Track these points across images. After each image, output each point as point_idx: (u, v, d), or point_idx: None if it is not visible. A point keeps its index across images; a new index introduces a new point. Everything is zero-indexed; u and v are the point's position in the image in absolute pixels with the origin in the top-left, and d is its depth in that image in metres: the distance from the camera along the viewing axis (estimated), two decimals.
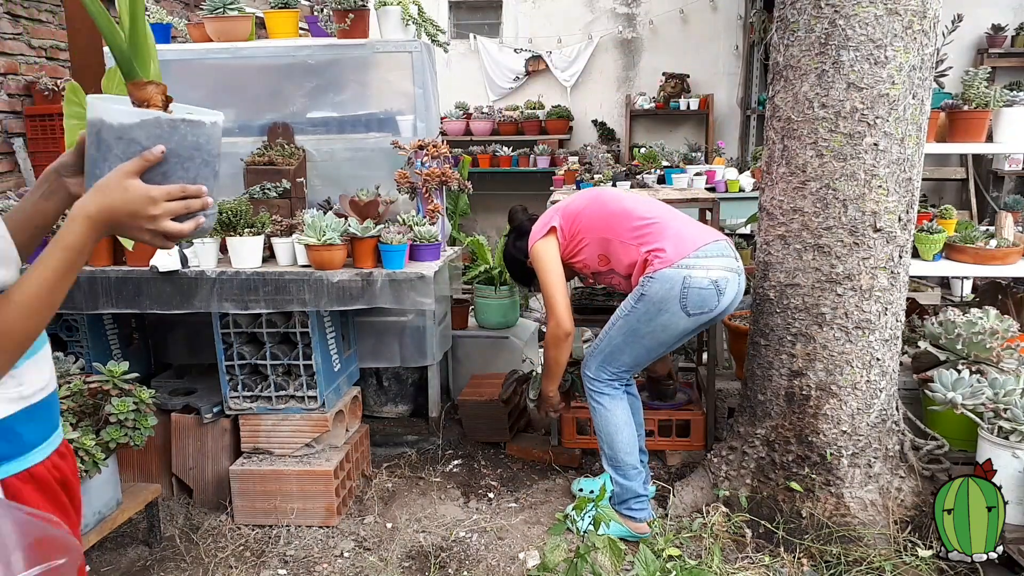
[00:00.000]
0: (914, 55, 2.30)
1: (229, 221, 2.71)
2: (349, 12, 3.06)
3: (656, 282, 2.40)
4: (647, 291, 2.43)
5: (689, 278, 2.38)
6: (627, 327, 2.50)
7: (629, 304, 2.49)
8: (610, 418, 2.59)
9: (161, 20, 3.32)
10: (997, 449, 2.34)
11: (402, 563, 2.52)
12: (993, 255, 2.93)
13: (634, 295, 2.48)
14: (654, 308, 2.43)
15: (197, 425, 2.82)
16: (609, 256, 2.57)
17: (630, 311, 2.48)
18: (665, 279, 2.39)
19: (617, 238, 2.53)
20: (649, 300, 2.43)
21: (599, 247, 2.58)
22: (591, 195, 2.71)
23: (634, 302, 2.47)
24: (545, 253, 2.59)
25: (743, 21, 6.64)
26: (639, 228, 2.52)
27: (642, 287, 2.44)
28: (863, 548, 2.36)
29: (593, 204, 2.64)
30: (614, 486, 2.60)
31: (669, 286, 2.39)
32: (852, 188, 2.36)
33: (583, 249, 2.60)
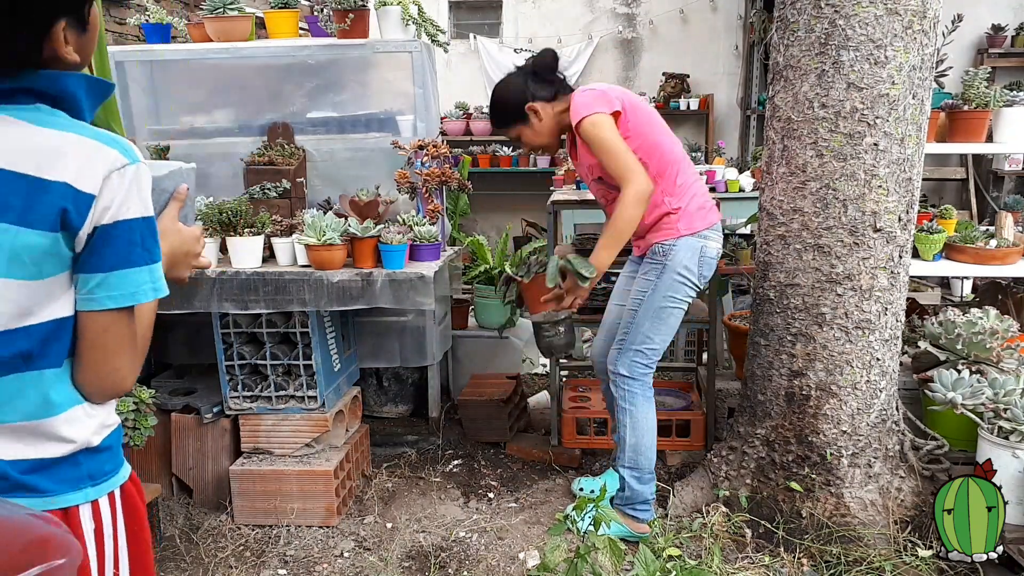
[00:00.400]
0: (914, 55, 2.30)
1: (229, 221, 2.71)
2: (349, 12, 3.06)
3: (679, 251, 2.37)
4: (671, 261, 2.38)
5: (705, 248, 2.40)
6: (654, 305, 2.42)
7: (651, 281, 2.42)
8: (641, 420, 2.52)
9: (161, 20, 3.32)
10: (997, 449, 2.34)
11: (402, 563, 2.52)
12: (993, 255, 2.93)
13: (655, 269, 2.41)
14: (679, 279, 2.39)
15: (197, 425, 2.81)
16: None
17: (655, 288, 2.41)
18: (688, 248, 2.38)
19: (654, 165, 2.36)
20: (672, 270, 2.38)
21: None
22: (643, 101, 2.50)
23: (657, 276, 2.40)
24: (612, 128, 2.31)
25: (743, 21, 6.64)
26: (675, 170, 2.40)
27: (665, 257, 2.39)
28: (863, 548, 2.36)
29: (649, 112, 2.45)
30: (625, 488, 2.56)
31: (691, 255, 2.38)
32: (852, 188, 2.36)
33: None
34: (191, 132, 3.44)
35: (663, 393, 3.47)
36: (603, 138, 2.30)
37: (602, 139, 2.30)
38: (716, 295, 3.15)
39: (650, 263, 2.44)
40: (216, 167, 3.35)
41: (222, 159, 3.33)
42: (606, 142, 2.30)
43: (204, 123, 3.48)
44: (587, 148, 2.37)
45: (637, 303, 2.47)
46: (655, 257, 2.43)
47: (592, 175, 2.49)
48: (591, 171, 2.47)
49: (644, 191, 2.28)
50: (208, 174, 3.36)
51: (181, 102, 3.50)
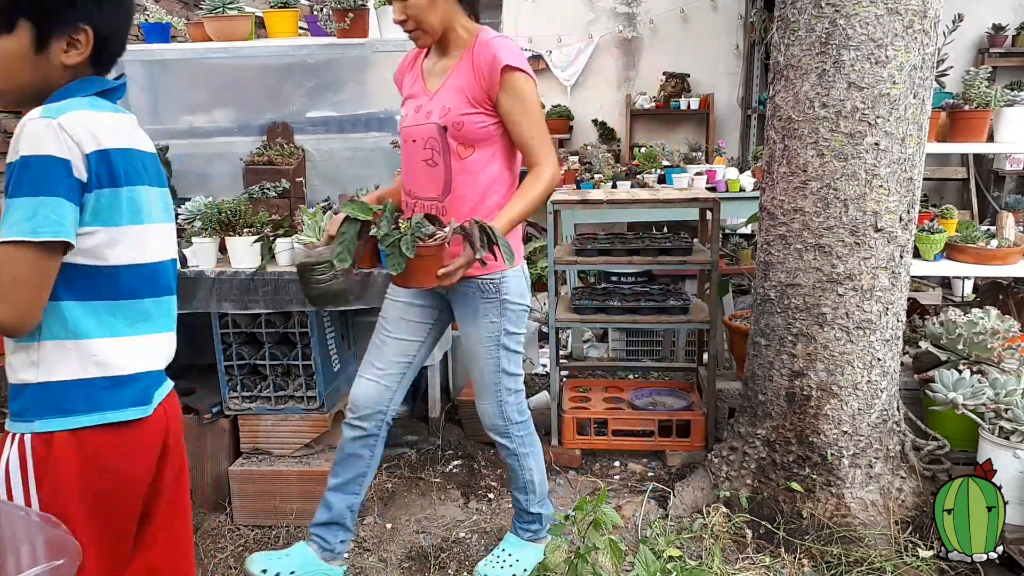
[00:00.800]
0: (915, 55, 2.29)
1: (228, 221, 2.71)
2: (349, 11, 3.06)
3: (510, 281, 2.14)
4: (507, 294, 2.15)
5: (525, 269, 2.23)
6: (509, 345, 2.20)
7: (496, 322, 2.16)
8: (539, 454, 2.38)
9: (160, 20, 3.31)
10: (997, 449, 2.33)
11: (402, 563, 2.52)
12: (994, 255, 2.93)
13: (493, 308, 2.14)
14: (519, 308, 2.19)
15: (196, 425, 2.81)
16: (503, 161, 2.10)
17: (502, 327, 2.17)
18: (515, 276, 2.16)
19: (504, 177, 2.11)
20: (511, 303, 2.16)
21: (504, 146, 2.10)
22: None
23: (499, 315, 2.16)
24: (537, 94, 2.06)
25: (744, 20, 6.64)
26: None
27: (499, 292, 2.13)
28: (864, 548, 2.36)
29: None
30: (542, 521, 2.41)
31: (519, 281, 2.18)
32: (853, 188, 2.35)
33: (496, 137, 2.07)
34: (190, 132, 3.44)
35: (663, 393, 3.47)
36: (536, 103, 2.03)
37: (535, 103, 2.02)
38: (717, 295, 3.15)
39: (483, 302, 2.15)
40: (215, 167, 3.35)
41: (221, 159, 3.33)
42: (537, 109, 2.03)
43: (203, 123, 3.47)
44: (480, 89, 2.00)
45: (492, 349, 2.19)
46: (487, 295, 2.14)
47: (450, 119, 2.02)
48: (453, 115, 2.02)
49: (557, 177, 2.07)
50: (207, 174, 3.36)
51: (180, 102, 3.50)
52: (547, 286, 4.82)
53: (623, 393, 3.46)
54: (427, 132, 2.06)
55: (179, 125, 3.45)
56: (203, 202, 2.82)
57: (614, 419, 3.18)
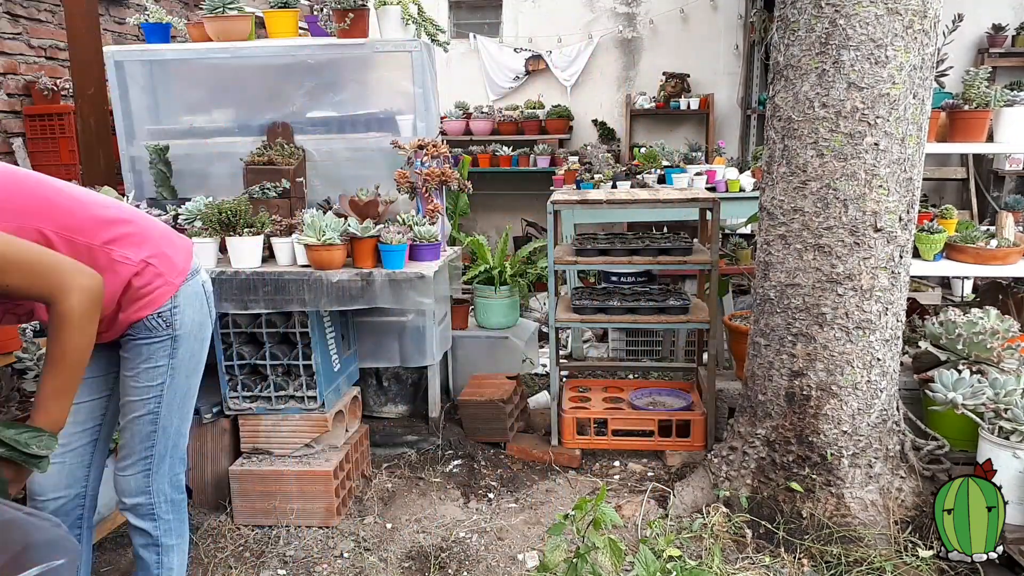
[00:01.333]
0: (915, 55, 2.29)
1: (228, 221, 2.71)
2: (349, 12, 3.06)
3: (183, 309, 1.82)
4: (181, 328, 1.82)
5: (206, 283, 1.93)
6: (178, 393, 1.86)
7: (163, 365, 1.82)
8: (185, 551, 1.99)
9: (161, 20, 3.32)
10: (997, 449, 2.33)
11: (402, 563, 2.52)
12: (994, 255, 2.93)
13: (162, 348, 1.81)
14: (199, 338, 1.88)
15: (196, 425, 2.81)
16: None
17: (172, 370, 1.83)
18: (188, 297, 1.83)
19: (82, 235, 1.67)
20: (188, 337, 1.84)
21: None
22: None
23: (169, 356, 1.82)
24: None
25: (743, 21, 6.64)
26: (111, 224, 1.73)
27: (171, 326, 1.80)
28: (863, 548, 2.36)
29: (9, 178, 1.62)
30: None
31: (197, 303, 1.86)
32: (853, 188, 2.35)
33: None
34: (191, 132, 3.44)
35: (663, 393, 3.48)
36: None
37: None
38: (717, 295, 3.15)
39: (148, 343, 1.80)
40: (215, 167, 3.35)
41: (221, 159, 3.33)
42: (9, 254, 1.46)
43: (204, 123, 3.47)
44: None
45: (154, 402, 1.83)
46: (155, 333, 1.80)
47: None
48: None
49: (92, 288, 1.55)
50: (207, 174, 3.36)
51: (181, 102, 3.50)
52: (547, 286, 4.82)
53: (623, 393, 3.46)
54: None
55: (179, 125, 3.46)
56: (203, 202, 2.82)
57: (614, 419, 3.19)
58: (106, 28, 4.64)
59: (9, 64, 4.02)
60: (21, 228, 1.56)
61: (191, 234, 2.74)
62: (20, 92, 4.09)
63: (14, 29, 4.06)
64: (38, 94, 4.08)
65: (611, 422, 3.17)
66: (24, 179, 1.66)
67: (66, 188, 1.73)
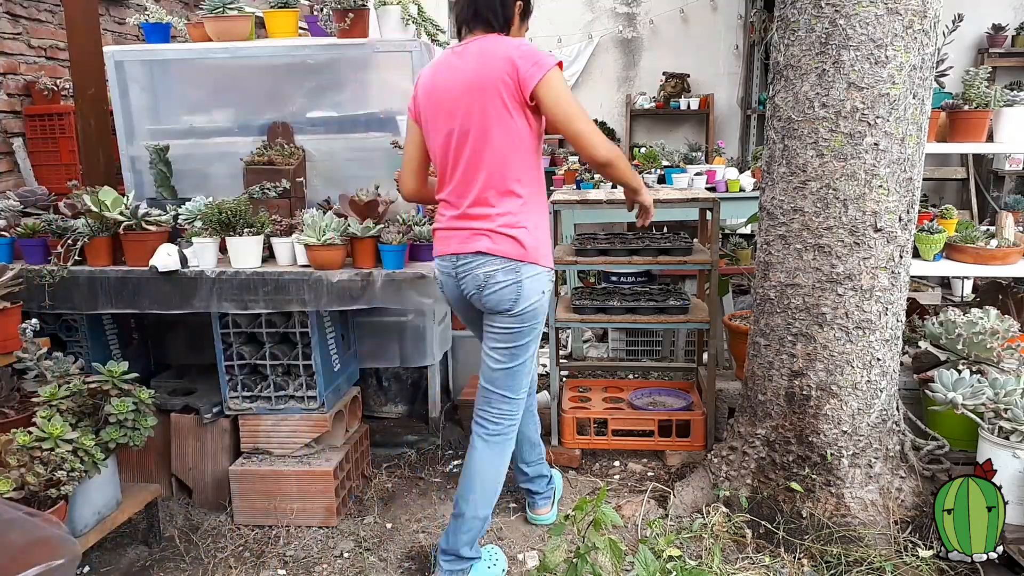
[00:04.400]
0: (915, 55, 2.29)
1: (228, 221, 2.71)
2: (349, 12, 3.06)
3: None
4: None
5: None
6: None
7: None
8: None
9: (161, 20, 3.32)
10: (997, 449, 2.33)
11: (402, 563, 2.52)
12: (993, 255, 2.93)
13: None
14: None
15: (197, 425, 2.81)
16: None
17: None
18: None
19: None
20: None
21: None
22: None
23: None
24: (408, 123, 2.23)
25: (743, 21, 6.64)
26: (440, 186, 2.25)
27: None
28: (863, 548, 2.36)
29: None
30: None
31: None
32: (853, 188, 2.35)
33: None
34: (191, 132, 3.44)
35: (663, 393, 3.48)
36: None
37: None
38: (717, 295, 3.15)
39: None
40: (215, 167, 3.35)
41: (221, 159, 3.33)
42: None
43: (204, 123, 3.47)
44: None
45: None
46: None
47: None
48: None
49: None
50: (207, 174, 3.36)
51: (181, 102, 3.50)
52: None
53: (623, 393, 3.46)
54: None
55: (179, 125, 3.46)
56: (203, 202, 2.82)
57: (614, 419, 3.19)
58: (106, 28, 4.64)
59: (9, 64, 4.02)
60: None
61: (191, 234, 2.74)
62: (20, 92, 4.09)
63: (14, 29, 4.06)
64: (38, 94, 4.08)
65: (611, 422, 3.17)
66: None
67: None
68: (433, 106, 2.17)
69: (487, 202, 2.12)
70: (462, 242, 2.16)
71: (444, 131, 2.14)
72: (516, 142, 2.09)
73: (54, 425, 2.15)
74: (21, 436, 2.10)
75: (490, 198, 2.11)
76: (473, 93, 2.07)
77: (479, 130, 2.08)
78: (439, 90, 2.15)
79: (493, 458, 2.32)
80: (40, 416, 2.18)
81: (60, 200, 2.93)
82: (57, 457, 2.10)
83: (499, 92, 2.04)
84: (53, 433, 2.13)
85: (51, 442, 2.12)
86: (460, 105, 2.09)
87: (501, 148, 2.08)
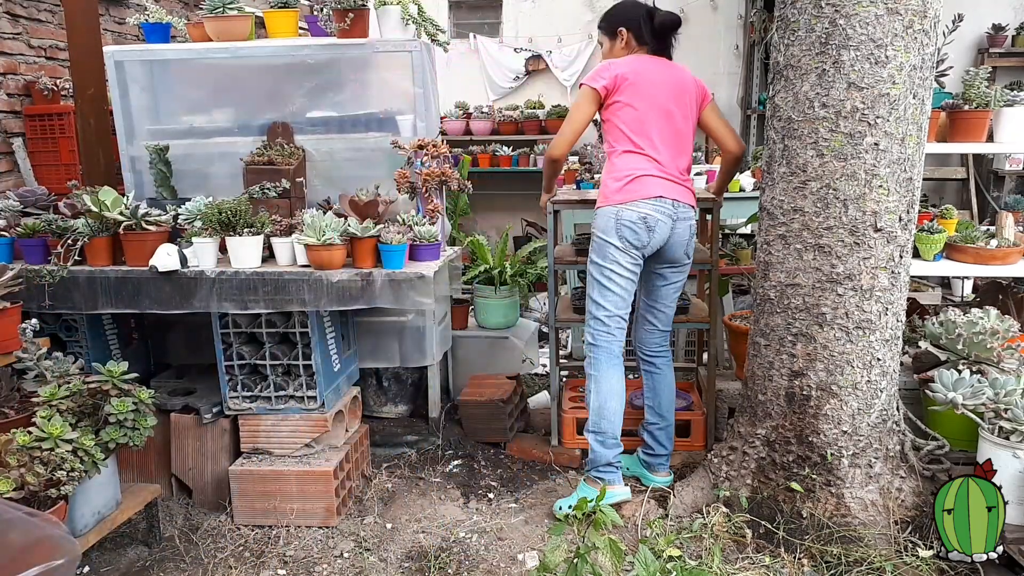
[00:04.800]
0: (915, 55, 2.29)
1: (228, 221, 2.71)
2: (349, 12, 3.06)
3: (598, 219, 2.70)
4: (595, 228, 2.72)
5: (621, 214, 2.64)
6: (592, 273, 2.73)
7: (590, 247, 2.75)
8: (602, 385, 2.72)
9: (161, 20, 3.31)
10: (997, 449, 2.33)
11: (402, 563, 2.52)
12: (994, 255, 2.93)
13: (590, 238, 2.77)
14: (599, 242, 2.69)
15: (196, 425, 2.81)
16: (608, 136, 2.75)
17: (590, 255, 2.75)
18: (604, 216, 2.68)
19: (622, 138, 2.69)
20: (595, 236, 2.72)
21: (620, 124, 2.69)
22: (649, 76, 2.70)
23: (591, 243, 2.74)
24: (581, 98, 2.72)
25: (743, 21, 6.64)
26: (622, 148, 2.70)
27: (593, 225, 2.73)
28: (863, 548, 2.36)
29: (640, 93, 2.67)
30: (591, 452, 2.75)
31: (606, 220, 2.67)
32: (853, 188, 2.35)
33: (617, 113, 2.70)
34: (190, 132, 3.44)
35: None
36: (572, 105, 2.78)
37: (572, 106, 2.78)
38: (717, 295, 3.15)
39: (593, 228, 2.75)
40: (215, 167, 3.35)
41: (221, 159, 3.33)
42: (571, 108, 2.77)
43: (204, 123, 3.47)
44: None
45: (587, 274, 2.77)
46: (593, 224, 2.75)
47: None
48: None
49: (551, 153, 2.80)
50: (207, 174, 3.36)
51: (181, 102, 3.50)
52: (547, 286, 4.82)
53: None
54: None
55: (179, 125, 3.46)
56: (203, 202, 2.82)
57: None
58: (106, 28, 4.64)
59: (9, 64, 4.02)
60: (624, 117, 2.72)
61: (191, 234, 2.74)
62: (20, 92, 4.09)
63: (14, 29, 4.06)
64: (38, 94, 4.08)
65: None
66: (647, 94, 2.71)
67: (651, 111, 2.73)
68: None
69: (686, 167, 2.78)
70: (681, 192, 2.71)
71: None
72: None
73: (54, 425, 2.15)
74: (21, 436, 2.10)
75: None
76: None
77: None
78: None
79: (671, 374, 2.96)
80: (40, 416, 2.18)
81: (60, 200, 2.93)
82: (57, 457, 2.10)
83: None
84: (53, 433, 2.13)
85: (51, 442, 2.12)
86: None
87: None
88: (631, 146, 2.67)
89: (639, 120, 2.67)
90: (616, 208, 2.64)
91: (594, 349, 2.75)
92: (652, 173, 2.66)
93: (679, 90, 2.73)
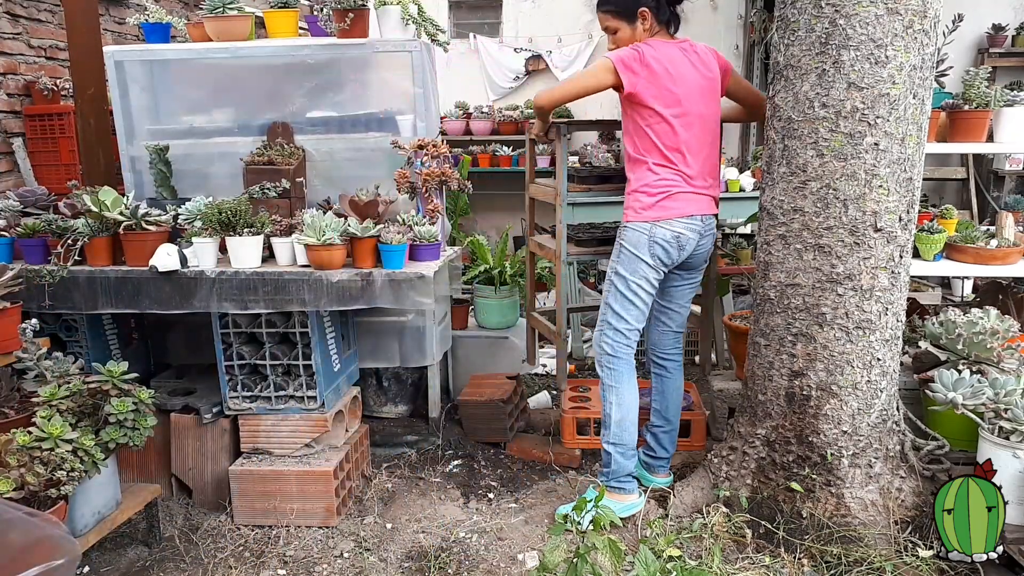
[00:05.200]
0: (915, 55, 2.29)
1: (228, 221, 2.71)
2: (349, 12, 3.06)
3: (628, 232, 2.64)
4: (624, 240, 2.65)
5: (654, 232, 2.60)
6: (615, 279, 2.67)
7: (614, 260, 2.69)
8: (624, 397, 2.70)
9: (161, 20, 3.31)
10: (997, 449, 2.33)
11: (402, 563, 2.52)
12: (994, 255, 2.93)
13: (616, 247, 2.70)
14: (629, 255, 2.64)
15: (196, 425, 2.81)
16: (635, 137, 2.64)
17: (614, 265, 2.69)
18: (636, 231, 2.62)
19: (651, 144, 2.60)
20: (624, 248, 2.65)
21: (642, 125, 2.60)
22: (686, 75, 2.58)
23: (616, 254, 2.68)
24: (602, 67, 2.56)
25: (743, 21, 6.64)
26: (657, 157, 2.61)
27: (621, 236, 2.66)
28: (863, 548, 2.36)
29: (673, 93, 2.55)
30: (611, 464, 2.72)
31: (638, 235, 2.62)
32: (853, 188, 2.35)
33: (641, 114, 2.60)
34: (190, 132, 3.44)
35: None
36: (587, 70, 2.66)
37: (587, 69, 2.67)
38: (717, 295, 3.15)
39: (617, 241, 2.70)
40: (215, 167, 3.35)
41: (221, 159, 3.33)
42: (585, 71, 2.68)
43: (203, 123, 3.47)
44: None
45: (607, 281, 2.72)
46: (619, 235, 2.69)
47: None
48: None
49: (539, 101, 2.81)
50: (207, 174, 3.36)
51: (181, 102, 3.50)
52: (547, 286, 4.81)
53: None
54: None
55: (179, 125, 3.46)
56: (203, 202, 2.82)
57: None
58: (106, 28, 4.64)
59: (9, 64, 4.02)
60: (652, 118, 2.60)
61: (191, 234, 2.74)
62: (20, 92, 4.09)
63: (14, 29, 4.06)
64: (38, 94, 4.08)
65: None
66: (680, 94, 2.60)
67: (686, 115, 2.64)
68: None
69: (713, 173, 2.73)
70: (709, 205, 2.70)
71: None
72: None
73: (54, 425, 2.15)
74: (21, 436, 2.10)
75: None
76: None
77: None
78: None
79: (681, 378, 2.95)
80: (40, 416, 2.18)
81: (60, 200, 2.93)
82: (57, 457, 2.10)
83: None
84: (53, 433, 2.13)
85: (51, 442, 2.12)
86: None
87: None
88: (663, 160, 2.60)
89: (673, 133, 2.58)
90: (650, 225, 2.59)
91: (614, 361, 2.71)
92: (685, 189, 2.61)
93: (710, 86, 2.64)
